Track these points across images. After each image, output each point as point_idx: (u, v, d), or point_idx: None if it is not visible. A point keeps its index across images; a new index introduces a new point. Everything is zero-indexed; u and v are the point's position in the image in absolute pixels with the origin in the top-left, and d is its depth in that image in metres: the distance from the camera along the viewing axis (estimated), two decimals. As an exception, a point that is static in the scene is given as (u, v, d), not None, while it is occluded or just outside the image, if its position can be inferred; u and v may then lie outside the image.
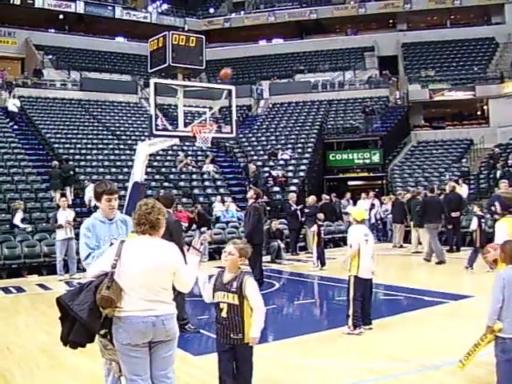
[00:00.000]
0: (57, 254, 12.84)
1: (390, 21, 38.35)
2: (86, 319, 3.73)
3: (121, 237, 4.48)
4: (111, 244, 4.31)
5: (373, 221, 19.42)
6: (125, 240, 3.94)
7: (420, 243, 15.58)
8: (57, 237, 12.91)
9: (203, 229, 15.83)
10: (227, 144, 25.89)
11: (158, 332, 3.78)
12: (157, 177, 21.11)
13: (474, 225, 12.52)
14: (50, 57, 31.86)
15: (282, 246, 15.43)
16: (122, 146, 23.88)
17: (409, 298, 9.38)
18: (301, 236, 17.20)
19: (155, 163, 21.75)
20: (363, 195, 20.70)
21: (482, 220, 12.46)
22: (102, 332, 3.87)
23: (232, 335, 4.28)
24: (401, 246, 17.07)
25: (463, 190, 18.82)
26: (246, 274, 4.36)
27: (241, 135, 25.81)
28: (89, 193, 17.42)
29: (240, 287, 4.27)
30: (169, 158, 23.25)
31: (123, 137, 25.09)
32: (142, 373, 3.79)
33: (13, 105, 24.24)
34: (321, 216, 14.18)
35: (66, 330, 3.83)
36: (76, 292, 3.87)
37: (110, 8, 36.71)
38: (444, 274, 12.23)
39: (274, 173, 22.59)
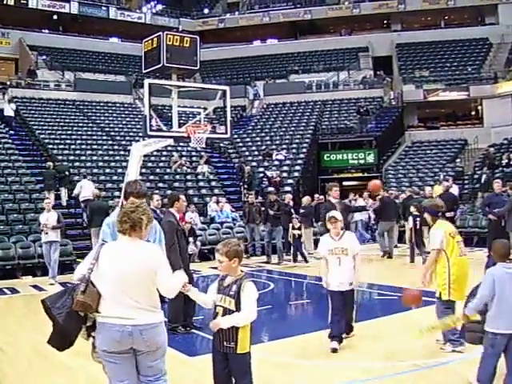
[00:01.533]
0: (45, 257, 12.65)
1: (385, 21, 38.47)
2: (62, 323, 3.62)
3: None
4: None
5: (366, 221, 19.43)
6: (104, 243, 3.79)
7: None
8: (42, 239, 12.72)
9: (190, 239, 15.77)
10: (222, 144, 25.88)
11: (137, 342, 3.57)
12: (151, 177, 21.06)
13: (410, 223, 13.77)
14: (44, 57, 31.78)
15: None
16: (116, 147, 23.83)
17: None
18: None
19: (150, 164, 21.72)
20: (351, 196, 20.27)
21: (417, 219, 13.25)
22: (86, 335, 3.75)
23: (225, 343, 4.06)
24: (395, 246, 17.08)
25: (454, 191, 18.89)
26: (246, 279, 4.15)
27: (235, 136, 25.80)
28: (80, 187, 17.41)
29: (238, 291, 4.06)
30: (163, 158, 23.21)
31: (117, 137, 25.05)
32: (125, 377, 3.64)
33: (10, 109, 23.77)
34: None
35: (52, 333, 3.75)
36: (59, 295, 3.75)
37: (104, 8, 36.65)
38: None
39: (268, 173, 22.60)
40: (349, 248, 6.46)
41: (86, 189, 17.18)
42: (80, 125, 25.51)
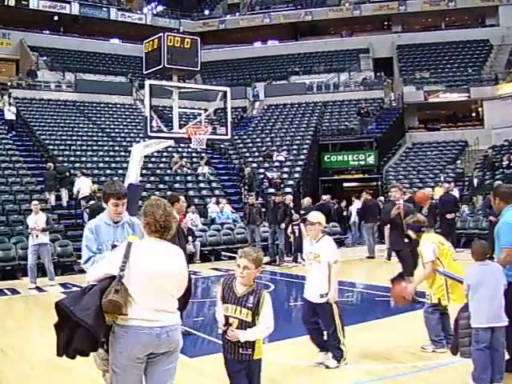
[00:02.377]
0: (29, 260, 12.11)
1: (385, 23, 38.48)
2: (93, 324, 3.36)
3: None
4: (113, 247, 4.14)
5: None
6: (132, 242, 3.56)
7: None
8: (28, 242, 12.29)
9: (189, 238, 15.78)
10: (222, 146, 25.88)
11: (162, 344, 3.47)
12: (152, 178, 21.08)
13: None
14: (45, 58, 31.80)
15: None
16: (116, 148, 23.85)
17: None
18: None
19: (150, 165, 21.72)
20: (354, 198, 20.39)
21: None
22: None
23: (241, 350, 3.97)
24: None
25: (454, 193, 18.91)
26: (263, 289, 4.04)
27: (236, 137, 25.82)
28: (78, 185, 17.41)
29: (257, 304, 3.93)
30: (164, 159, 23.22)
31: (118, 138, 25.07)
32: None
33: (10, 113, 23.51)
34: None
35: (64, 339, 3.46)
36: (78, 296, 3.51)
37: (104, 9, 36.69)
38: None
39: (269, 174, 22.60)
40: (321, 255, 5.77)
41: (83, 186, 17.21)
42: (80, 126, 25.53)
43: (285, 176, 23.30)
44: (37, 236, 11.88)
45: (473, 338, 4.90)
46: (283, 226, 14.87)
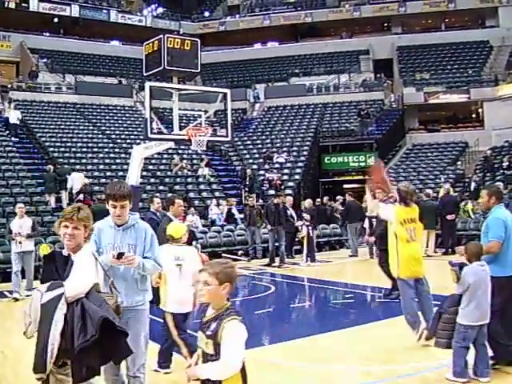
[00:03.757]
0: (13, 266, 11.14)
1: (385, 24, 38.48)
2: (126, 331, 3.42)
3: (130, 246, 4.23)
4: (120, 254, 4.09)
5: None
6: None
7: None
8: (12, 249, 11.31)
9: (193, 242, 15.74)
10: (222, 147, 25.88)
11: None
12: (152, 180, 21.08)
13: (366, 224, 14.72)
14: (45, 60, 31.83)
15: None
16: (117, 150, 23.84)
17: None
18: (296, 239, 17.16)
19: (150, 166, 21.72)
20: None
21: (372, 220, 13.85)
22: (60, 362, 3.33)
23: None
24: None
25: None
26: (230, 315, 3.04)
27: (236, 138, 25.80)
28: (71, 182, 17.40)
29: (216, 332, 3.01)
30: (164, 161, 23.22)
31: (118, 140, 25.07)
32: None
33: (15, 117, 22.82)
34: (307, 217, 14.84)
35: (100, 354, 3.29)
36: (98, 305, 3.38)
37: (105, 11, 36.69)
38: (440, 276, 12.21)
39: (269, 176, 22.59)
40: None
41: (76, 181, 17.20)
42: (81, 128, 25.53)
43: (285, 178, 23.29)
44: (20, 243, 10.89)
45: (459, 335, 5.11)
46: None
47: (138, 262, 4.15)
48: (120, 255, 4.07)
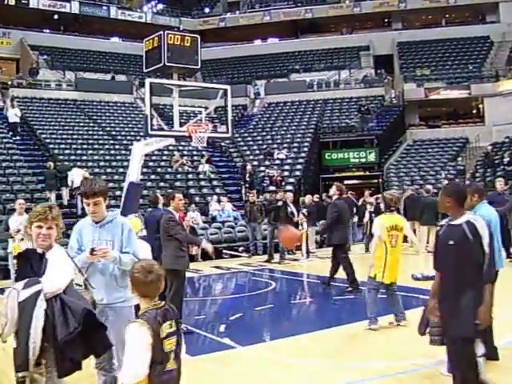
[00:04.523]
0: (10, 269, 10.65)
1: (385, 20, 38.45)
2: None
3: (108, 242, 4.24)
4: (92, 250, 4.11)
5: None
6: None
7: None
8: (8, 248, 10.88)
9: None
10: (223, 144, 25.88)
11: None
12: (152, 177, 21.08)
13: (366, 217, 15.80)
14: (45, 57, 31.79)
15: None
16: (117, 146, 23.84)
17: (405, 297, 9.36)
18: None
19: (151, 163, 21.72)
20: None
21: (373, 214, 14.54)
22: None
23: None
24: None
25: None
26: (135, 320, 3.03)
27: (236, 135, 25.83)
28: (71, 176, 17.41)
29: None
30: (164, 157, 23.22)
31: (118, 137, 25.06)
32: None
33: (14, 115, 22.47)
34: (304, 212, 15.18)
35: (82, 346, 3.42)
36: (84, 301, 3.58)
37: (104, 8, 36.67)
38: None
39: (269, 172, 22.58)
40: None
41: (76, 177, 17.21)
42: (81, 124, 25.51)
43: (286, 174, 23.29)
44: (22, 239, 10.02)
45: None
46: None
47: (114, 256, 4.17)
48: (92, 250, 4.12)
